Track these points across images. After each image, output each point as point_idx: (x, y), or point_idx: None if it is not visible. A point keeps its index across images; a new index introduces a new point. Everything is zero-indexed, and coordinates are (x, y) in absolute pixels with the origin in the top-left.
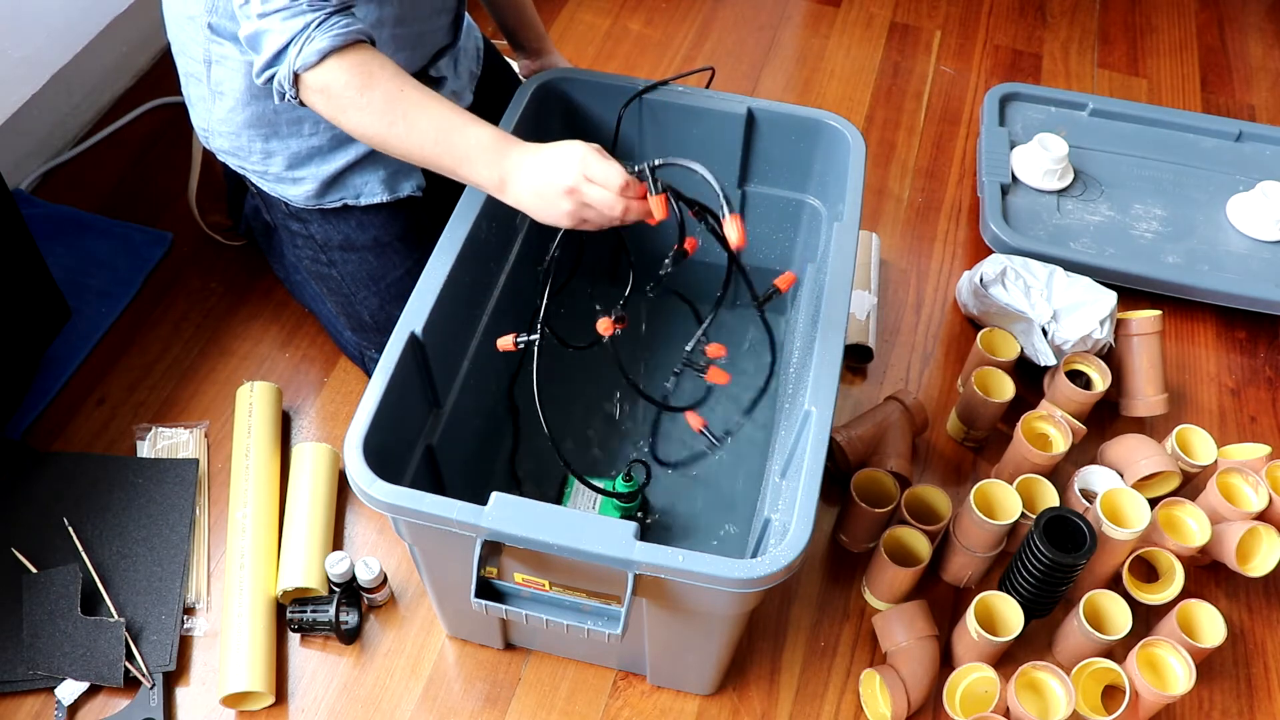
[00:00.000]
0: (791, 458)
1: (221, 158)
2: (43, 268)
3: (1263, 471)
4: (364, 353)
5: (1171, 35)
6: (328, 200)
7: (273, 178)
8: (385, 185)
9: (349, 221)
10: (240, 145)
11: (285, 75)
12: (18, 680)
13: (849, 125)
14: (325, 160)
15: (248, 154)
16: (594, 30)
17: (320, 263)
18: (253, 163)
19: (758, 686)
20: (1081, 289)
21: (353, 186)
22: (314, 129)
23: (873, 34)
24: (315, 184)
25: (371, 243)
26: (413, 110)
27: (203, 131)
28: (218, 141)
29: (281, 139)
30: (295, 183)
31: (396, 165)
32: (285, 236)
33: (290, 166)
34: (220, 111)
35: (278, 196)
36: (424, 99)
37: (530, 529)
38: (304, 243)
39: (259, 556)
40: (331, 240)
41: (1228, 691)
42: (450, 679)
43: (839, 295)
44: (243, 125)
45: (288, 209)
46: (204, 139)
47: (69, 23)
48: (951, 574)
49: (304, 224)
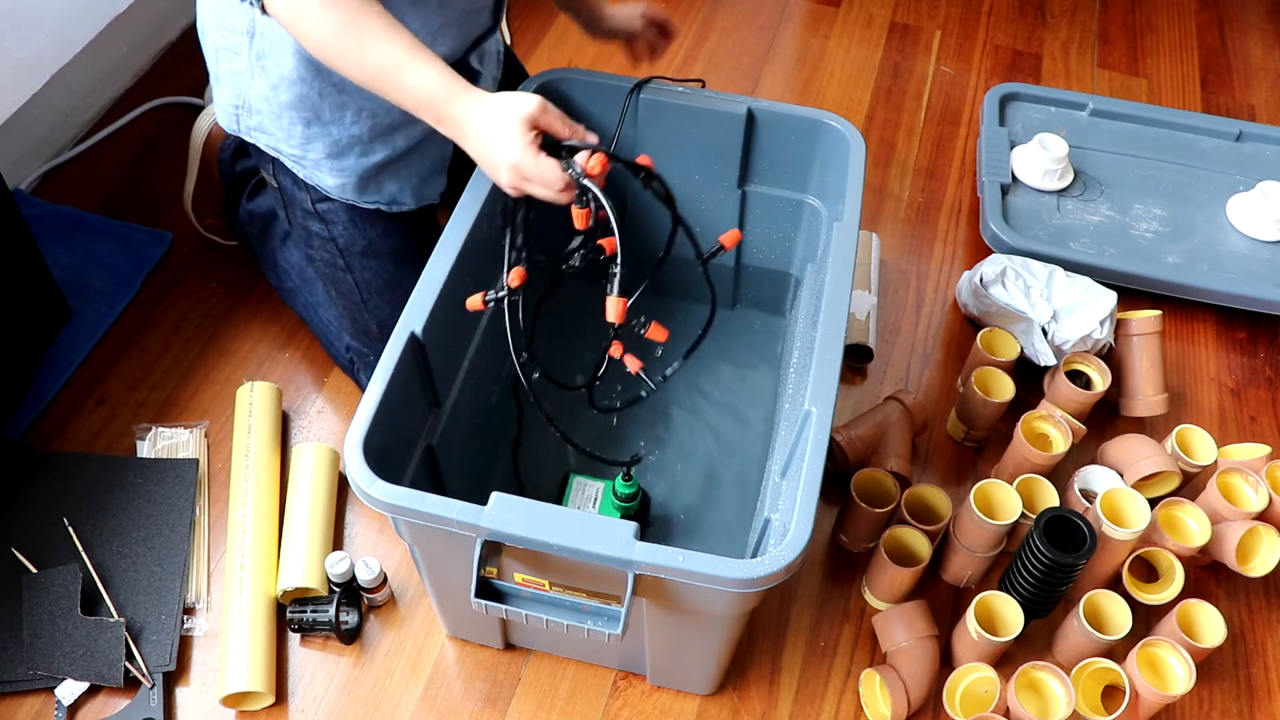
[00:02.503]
0: (791, 458)
1: (252, 138)
2: (43, 268)
3: (1263, 471)
4: (355, 363)
5: (1171, 35)
6: (364, 199)
7: (310, 164)
8: (415, 194)
9: (375, 227)
10: (280, 126)
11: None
12: (18, 680)
13: (849, 125)
14: (365, 153)
15: (287, 135)
16: None
17: (337, 267)
18: (291, 145)
19: (758, 686)
20: (1081, 289)
21: (387, 192)
22: (356, 117)
23: (873, 34)
24: (352, 177)
25: (393, 251)
26: (368, 37)
27: (233, 109)
28: (253, 120)
29: (323, 124)
30: (333, 172)
31: (430, 168)
32: (300, 236)
33: (330, 155)
34: (262, 88)
35: (312, 184)
36: (383, 28)
37: (530, 529)
38: (322, 244)
39: (259, 556)
40: (354, 245)
41: (1228, 691)
42: (450, 679)
43: (839, 295)
44: (285, 106)
45: (311, 208)
46: (233, 117)
47: (69, 23)
48: (951, 574)
49: (326, 225)
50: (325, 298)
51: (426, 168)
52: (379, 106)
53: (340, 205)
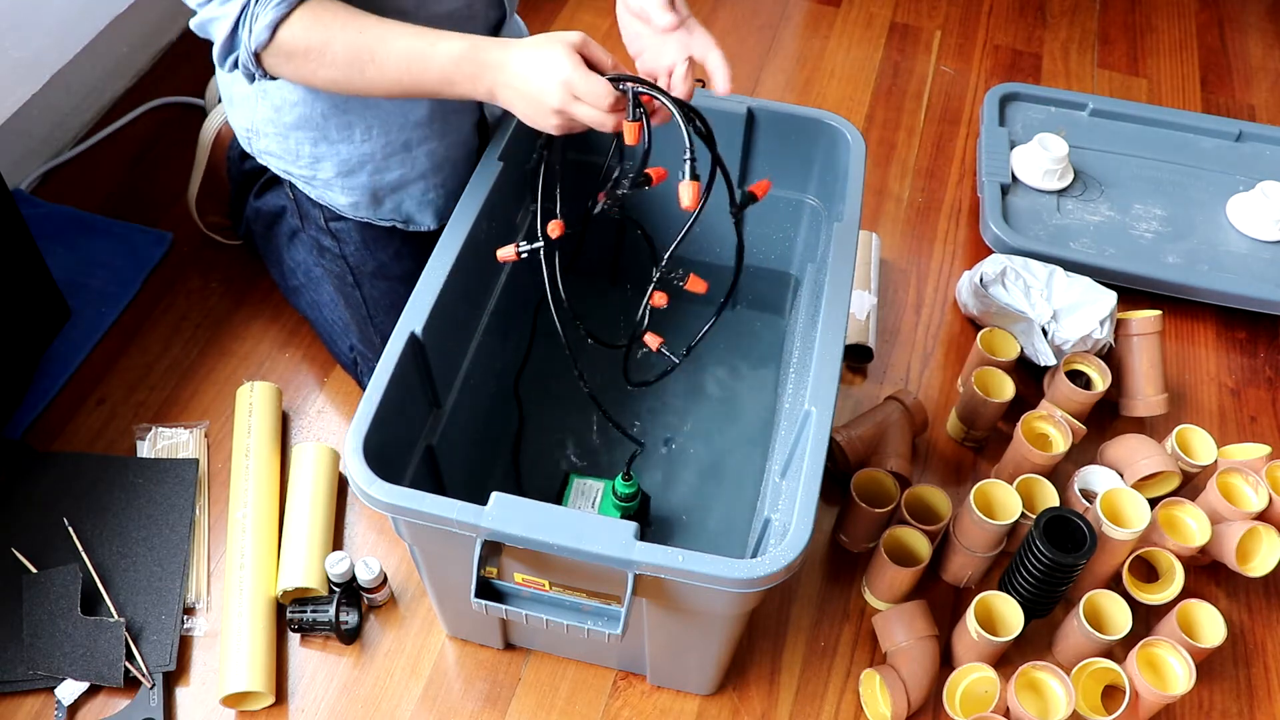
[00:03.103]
0: (791, 458)
1: (264, 160)
2: (43, 268)
3: (1263, 471)
4: (359, 363)
5: (1171, 35)
6: (380, 215)
7: (320, 184)
8: (438, 214)
9: (388, 249)
10: (288, 148)
11: (246, 59)
12: (18, 680)
13: (849, 125)
14: (379, 170)
15: (295, 157)
16: (594, 30)
17: (347, 283)
18: (300, 166)
19: (758, 686)
20: (1081, 289)
21: (404, 210)
22: (366, 135)
23: (873, 34)
24: (364, 194)
25: (405, 275)
26: (378, 49)
27: (246, 132)
28: (262, 143)
29: (331, 144)
30: (344, 190)
31: (456, 188)
32: (313, 245)
33: (340, 173)
34: (266, 111)
35: (324, 204)
36: (386, 33)
37: (530, 529)
38: (333, 260)
39: (259, 556)
40: (364, 266)
41: (1228, 691)
42: (450, 679)
43: (839, 295)
44: (290, 127)
45: (325, 226)
46: (246, 141)
47: (69, 23)
48: (951, 574)
49: (339, 243)
50: (330, 298)
51: (452, 187)
52: (391, 123)
53: (353, 225)
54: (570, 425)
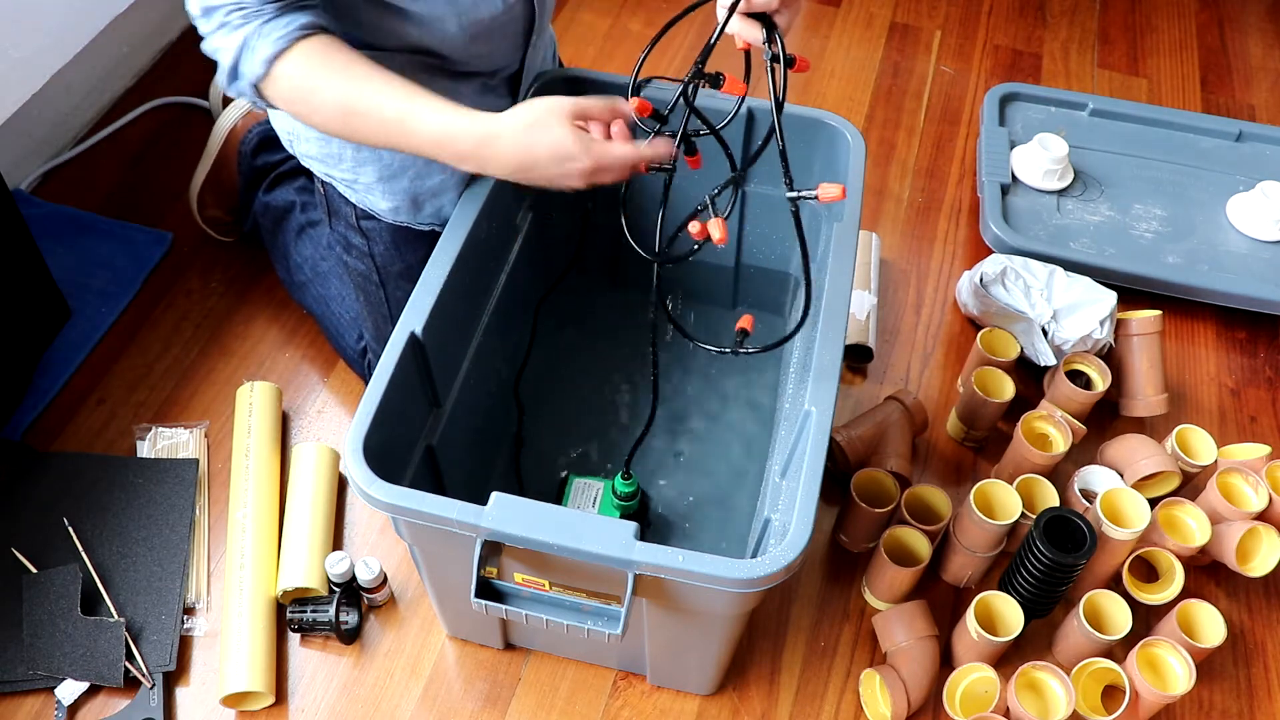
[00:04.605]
0: (791, 458)
1: (306, 163)
2: (43, 268)
3: (1263, 471)
4: (367, 354)
5: (1171, 35)
6: (421, 220)
7: (362, 188)
8: None
9: (418, 252)
10: (330, 153)
11: (248, 90)
12: (18, 680)
13: (849, 125)
14: (420, 175)
15: (338, 161)
16: (594, 30)
17: (371, 281)
18: (342, 170)
19: (758, 686)
20: (1081, 289)
21: (443, 214)
22: None
23: (873, 34)
24: (405, 199)
25: None
26: (367, 104)
27: (288, 135)
28: (304, 147)
29: (373, 149)
30: (385, 195)
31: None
32: (339, 241)
33: (381, 179)
34: None
35: (364, 207)
36: (374, 94)
37: (530, 529)
38: (359, 258)
39: (259, 556)
40: (391, 266)
41: (1228, 691)
42: (450, 679)
43: (839, 295)
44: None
45: (355, 224)
46: (288, 143)
47: (69, 23)
48: (951, 574)
49: (368, 241)
50: (338, 293)
51: None
52: None
53: (384, 225)
54: (570, 425)
